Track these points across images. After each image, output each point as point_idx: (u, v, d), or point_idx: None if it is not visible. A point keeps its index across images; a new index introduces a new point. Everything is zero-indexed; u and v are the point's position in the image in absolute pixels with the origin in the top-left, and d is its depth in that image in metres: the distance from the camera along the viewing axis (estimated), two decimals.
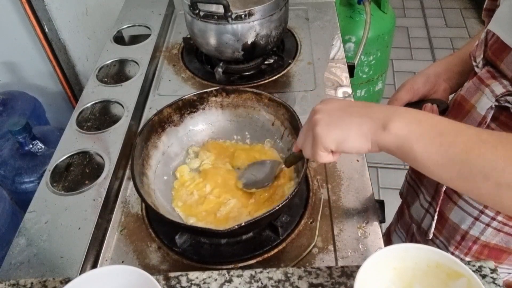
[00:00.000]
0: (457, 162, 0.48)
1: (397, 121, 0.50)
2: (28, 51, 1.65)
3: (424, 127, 0.49)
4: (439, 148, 0.48)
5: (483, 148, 0.47)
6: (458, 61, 0.77)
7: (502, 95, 0.61)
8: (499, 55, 0.62)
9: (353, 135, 0.52)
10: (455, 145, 0.48)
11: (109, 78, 1.10)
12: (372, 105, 0.54)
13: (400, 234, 0.98)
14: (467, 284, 0.51)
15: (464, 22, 3.10)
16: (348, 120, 0.52)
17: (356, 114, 0.52)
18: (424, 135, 0.49)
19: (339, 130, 0.52)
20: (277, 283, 0.60)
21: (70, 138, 0.93)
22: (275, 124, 0.88)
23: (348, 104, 0.55)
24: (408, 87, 0.75)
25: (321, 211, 0.80)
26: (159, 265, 0.74)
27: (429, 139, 0.49)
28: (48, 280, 0.64)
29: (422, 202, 0.83)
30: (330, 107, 0.54)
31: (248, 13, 0.98)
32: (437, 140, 0.48)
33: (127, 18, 1.29)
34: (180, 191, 0.82)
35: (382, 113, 0.51)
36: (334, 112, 0.53)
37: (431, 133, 0.49)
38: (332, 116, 0.53)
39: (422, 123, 0.50)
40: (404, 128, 0.49)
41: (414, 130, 0.49)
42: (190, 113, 0.90)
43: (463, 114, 0.68)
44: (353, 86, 1.08)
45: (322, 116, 0.53)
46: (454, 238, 0.77)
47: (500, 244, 0.72)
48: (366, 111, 0.52)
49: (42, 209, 0.79)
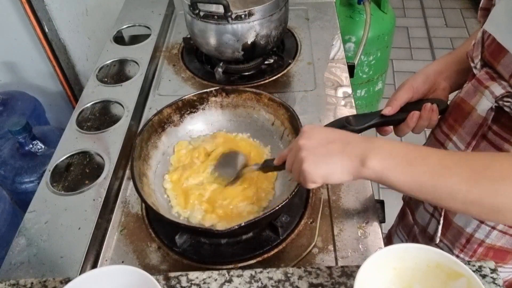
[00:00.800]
0: (427, 188, 0.54)
1: (372, 158, 0.56)
2: (28, 51, 1.65)
3: (396, 160, 0.56)
4: (411, 177, 0.55)
5: (446, 174, 0.53)
6: (456, 59, 0.77)
7: (501, 96, 0.61)
8: (496, 56, 0.62)
9: (337, 172, 0.58)
10: (422, 174, 0.54)
11: (109, 78, 1.10)
12: (349, 139, 0.60)
13: (401, 237, 0.98)
14: (467, 284, 0.51)
15: (464, 22, 3.10)
16: (331, 159, 0.59)
17: (337, 152, 0.58)
18: (397, 167, 0.55)
19: (325, 168, 0.59)
20: (277, 283, 0.61)
21: (70, 138, 0.93)
22: (275, 124, 0.88)
23: (329, 139, 0.60)
24: (408, 86, 0.75)
25: (321, 211, 0.80)
26: (159, 265, 0.74)
27: (401, 171, 0.55)
28: (48, 280, 0.64)
29: (427, 206, 0.82)
30: (313, 143, 0.60)
31: (248, 13, 0.98)
32: (408, 170, 0.55)
33: (127, 18, 1.29)
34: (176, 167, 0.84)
35: (359, 150, 0.57)
36: (317, 150, 0.60)
37: (402, 164, 0.55)
38: (316, 155, 0.59)
39: (394, 156, 0.56)
40: (379, 164, 0.56)
41: (388, 164, 0.55)
42: (190, 113, 0.90)
43: (463, 116, 0.68)
44: (353, 86, 1.08)
45: (307, 155, 0.60)
46: (459, 241, 0.77)
47: (505, 246, 0.72)
48: (345, 148, 0.58)
49: (42, 209, 0.79)
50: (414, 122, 0.72)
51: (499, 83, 0.61)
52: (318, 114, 0.99)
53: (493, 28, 0.63)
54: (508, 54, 0.59)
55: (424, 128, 0.74)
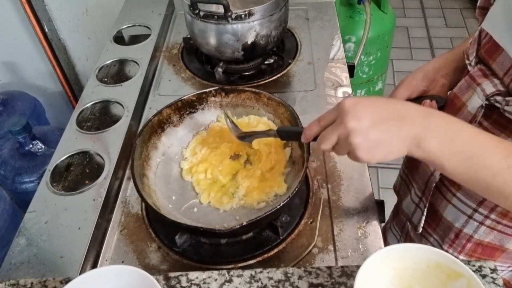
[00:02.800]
0: (482, 184, 0.53)
1: (430, 141, 0.52)
2: (28, 51, 1.65)
3: (455, 147, 0.53)
4: (467, 170, 0.53)
5: (508, 175, 0.51)
6: (455, 57, 0.78)
7: (492, 94, 0.61)
8: (492, 54, 0.63)
9: (393, 154, 0.55)
10: (482, 169, 0.52)
11: (109, 78, 1.10)
12: (404, 113, 0.54)
13: (395, 232, 0.98)
14: (467, 284, 0.51)
15: (464, 22, 3.10)
16: (387, 144, 0.54)
17: (393, 133, 0.53)
18: (455, 156, 0.53)
19: (381, 153, 0.55)
20: (277, 283, 0.61)
21: (70, 138, 0.93)
22: (275, 122, 0.88)
23: (381, 117, 0.54)
24: (407, 84, 0.76)
25: (321, 211, 0.80)
26: (159, 265, 0.74)
27: (459, 161, 0.53)
28: (48, 280, 0.64)
29: (413, 197, 0.83)
30: (364, 125, 0.54)
31: (248, 13, 0.98)
32: (466, 163, 0.53)
33: (127, 18, 1.29)
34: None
35: (416, 129, 0.53)
36: (371, 134, 0.54)
37: (461, 154, 0.53)
38: (370, 140, 0.54)
39: (454, 142, 0.53)
40: (437, 149, 0.53)
41: (447, 151, 0.53)
42: (189, 114, 0.90)
43: (455, 111, 0.69)
44: (353, 86, 1.08)
45: (360, 141, 0.54)
46: (448, 236, 0.77)
47: (493, 242, 0.72)
48: (401, 127, 0.53)
49: (42, 209, 0.79)
50: None
51: (491, 81, 0.62)
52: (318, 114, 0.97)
53: (490, 27, 0.64)
54: (503, 52, 0.60)
55: None
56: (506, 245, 0.72)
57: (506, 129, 0.62)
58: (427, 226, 0.82)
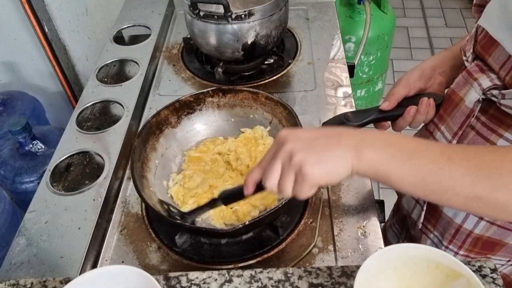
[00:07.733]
0: (428, 182, 0.52)
1: (368, 149, 0.52)
2: (28, 51, 1.65)
3: (394, 150, 0.52)
4: (410, 170, 0.52)
5: (450, 167, 0.50)
6: (452, 55, 0.79)
7: (488, 88, 0.62)
8: (488, 49, 0.64)
9: (338, 166, 0.52)
10: (424, 166, 0.51)
11: (109, 78, 1.10)
12: (339, 131, 0.55)
13: (395, 230, 0.98)
14: (467, 284, 0.51)
15: (464, 22, 3.10)
16: (333, 153, 0.52)
17: (334, 144, 0.53)
18: (396, 159, 0.52)
19: (328, 163, 0.52)
20: (277, 283, 0.60)
21: (70, 138, 0.93)
22: (273, 122, 0.88)
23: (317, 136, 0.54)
24: (404, 82, 0.76)
25: (321, 211, 0.80)
26: (159, 265, 0.74)
27: (400, 163, 0.52)
28: (48, 280, 0.64)
29: None
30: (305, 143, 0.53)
31: (248, 13, 0.98)
32: (407, 163, 0.52)
33: (127, 18, 1.29)
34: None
35: (354, 140, 0.53)
36: (314, 147, 0.52)
37: (401, 156, 0.52)
38: (315, 152, 0.52)
39: (391, 147, 0.52)
40: (376, 155, 0.52)
41: (385, 156, 0.52)
42: (187, 114, 0.90)
43: (452, 106, 0.70)
44: (353, 86, 1.08)
45: (305, 156, 0.52)
46: (448, 232, 0.77)
47: (493, 236, 0.73)
48: (340, 140, 0.53)
49: (42, 209, 0.79)
50: (411, 117, 0.74)
51: (487, 76, 0.63)
52: (318, 114, 0.99)
53: (486, 23, 0.65)
54: (499, 46, 0.61)
55: (421, 122, 0.76)
56: (506, 240, 0.72)
57: (503, 123, 0.63)
58: (427, 222, 0.82)
